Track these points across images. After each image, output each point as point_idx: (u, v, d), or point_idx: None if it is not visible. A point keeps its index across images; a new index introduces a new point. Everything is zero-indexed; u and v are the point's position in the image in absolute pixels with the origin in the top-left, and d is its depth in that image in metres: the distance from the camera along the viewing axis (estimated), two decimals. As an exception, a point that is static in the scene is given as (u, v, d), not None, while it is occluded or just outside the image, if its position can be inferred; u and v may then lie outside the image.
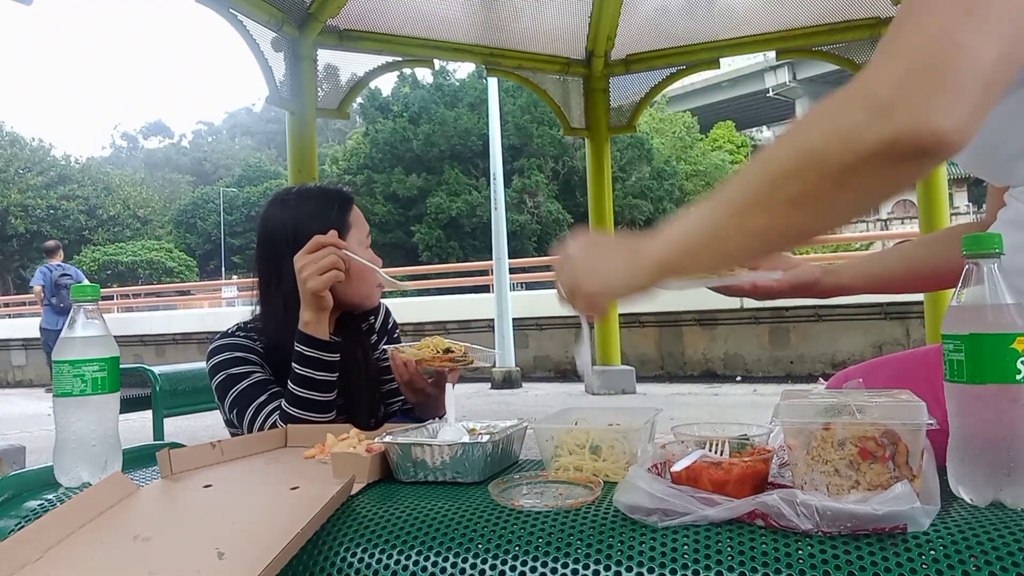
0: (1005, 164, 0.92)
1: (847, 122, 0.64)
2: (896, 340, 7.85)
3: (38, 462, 1.07)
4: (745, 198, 0.72)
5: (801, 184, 0.68)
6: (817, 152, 0.66)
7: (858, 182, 0.66)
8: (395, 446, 0.91)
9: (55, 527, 0.78)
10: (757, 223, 0.72)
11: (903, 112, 0.62)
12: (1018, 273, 0.79)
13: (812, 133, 0.68)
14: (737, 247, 0.75)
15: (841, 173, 0.65)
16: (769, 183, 0.70)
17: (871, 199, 0.69)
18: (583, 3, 5.15)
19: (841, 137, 0.65)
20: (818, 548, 0.62)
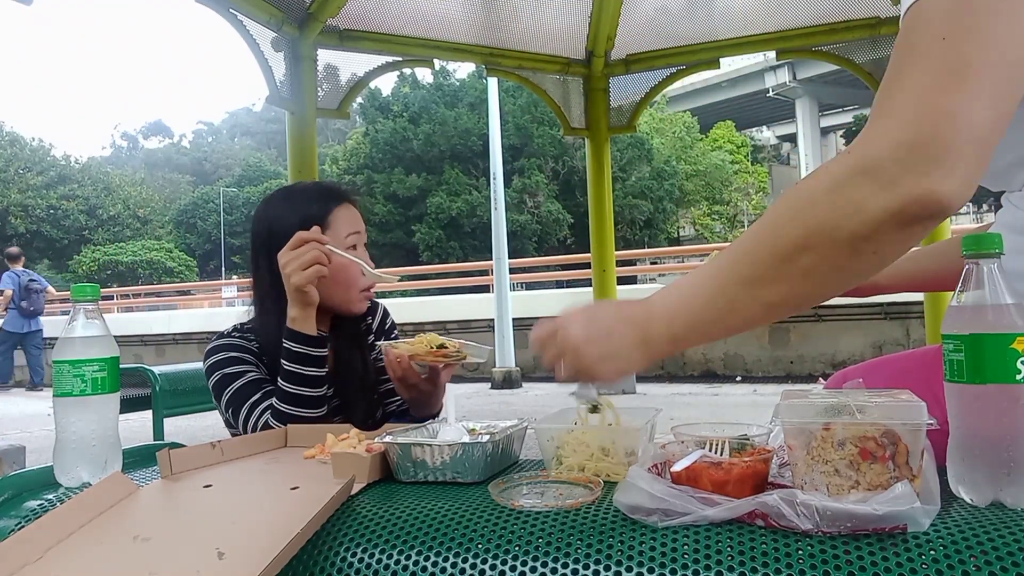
0: (1004, 171, 0.93)
1: (854, 196, 0.67)
2: (896, 340, 7.85)
3: (38, 462, 1.07)
4: (757, 272, 0.72)
5: (815, 257, 0.69)
6: (828, 226, 0.68)
7: (872, 248, 0.68)
8: (395, 446, 0.91)
9: (55, 527, 0.78)
10: (773, 296, 0.73)
11: (906, 183, 0.64)
12: (1016, 277, 0.79)
13: (820, 208, 0.69)
14: (751, 319, 0.75)
15: (855, 242, 0.68)
16: (782, 257, 0.71)
17: (886, 260, 0.70)
18: (583, 3, 5.15)
19: (852, 210, 0.67)
20: (818, 548, 0.62)
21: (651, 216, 29.01)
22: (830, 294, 0.74)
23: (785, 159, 47.48)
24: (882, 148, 0.66)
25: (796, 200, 0.71)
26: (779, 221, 0.72)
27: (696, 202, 33.77)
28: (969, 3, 0.66)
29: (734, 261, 0.75)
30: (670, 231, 33.15)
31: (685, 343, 0.79)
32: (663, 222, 30.58)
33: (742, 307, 0.74)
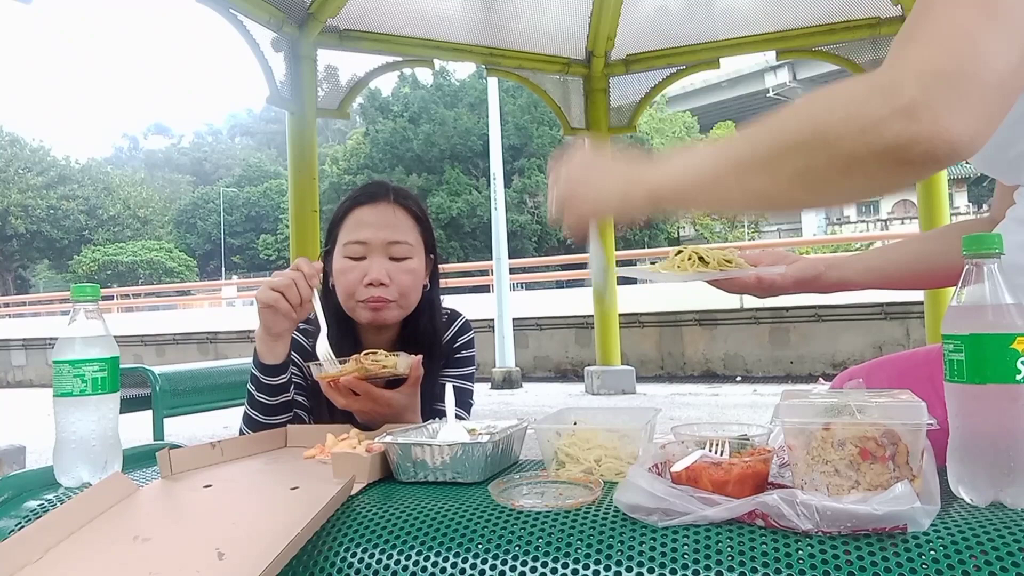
0: (1015, 163, 0.92)
1: (868, 113, 0.65)
2: (896, 340, 7.85)
3: (38, 462, 1.07)
4: (752, 157, 0.72)
5: (808, 161, 0.68)
6: (832, 135, 0.67)
7: (864, 173, 0.67)
8: (395, 446, 0.91)
9: (55, 527, 0.78)
10: (757, 184, 0.72)
11: (926, 117, 0.63)
12: (1020, 271, 0.79)
13: (831, 115, 0.68)
14: (731, 201, 0.77)
15: (850, 160, 0.66)
16: (778, 150, 0.71)
17: (871, 191, 0.70)
18: (583, 3, 5.15)
19: (860, 127, 0.65)
20: (818, 548, 0.62)
21: (651, 216, 28.99)
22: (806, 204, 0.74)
23: (785, 159, 47.42)
24: (908, 73, 0.64)
25: (814, 101, 0.70)
26: (788, 116, 0.72)
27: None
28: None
29: (734, 141, 0.75)
30: (670, 231, 33.13)
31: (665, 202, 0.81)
32: (663, 222, 30.56)
33: (724, 187, 0.75)
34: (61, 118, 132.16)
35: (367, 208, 1.38)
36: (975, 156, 0.99)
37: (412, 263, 1.38)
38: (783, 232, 38.61)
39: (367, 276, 1.33)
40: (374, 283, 1.33)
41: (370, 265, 1.34)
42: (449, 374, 1.45)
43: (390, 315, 1.36)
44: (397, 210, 1.38)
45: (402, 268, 1.36)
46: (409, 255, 1.37)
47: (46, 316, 17.01)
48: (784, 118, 0.72)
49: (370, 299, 1.33)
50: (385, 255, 1.35)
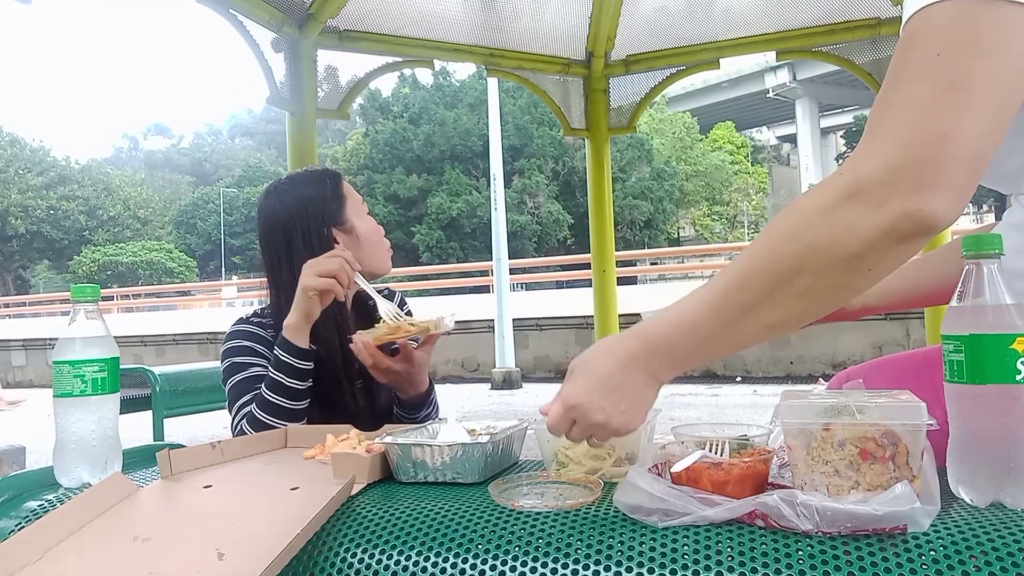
0: (1012, 176, 0.93)
1: (848, 218, 0.67)
2: (896, 340, 7.85)
3: (38, 462, 1.07)
4: (756, 297, 0.73)
5: (812, 277, 0.70)
6: (823, 247, 0.69)
7: (867, 265, 0.69)
8: (395, 447, 0.91)
9: (55, 527, 0.78)
10: (772, 318, 0.73)
11: (897, 203, 0.65)
12: (1018, 276, 0.79)
13: (815, 230, 0.69)
14: (752, 339, 0.76)
15: (850, 261, 0.68)
16: (779, 280, 0.72)
17: (880, 275, 0.71)
18: (583, 3, 5.15)
19: (845, 230, 0.67)
20: (818, 548, 0.62)
21: (651, 217, 29.04)
22: (828, 310, 0.75)
23: (785, 160, 47.50)
24: (872, 170, 0.67)
25: (791, 222, 0.72)
26: (774, 244, 0.73)
27: (696, 203, 33.80)
28: (965, 18, 0.66)
29: (730, 286, 0.75)
30: (670, 232, 33.16)
31: (688, 366, 0.80)
32: (663, 223, 30.61)
33: (742, 330, 0.75)
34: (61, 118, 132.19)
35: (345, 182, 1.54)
36: None
37: None
38: (783, 232, 38.54)
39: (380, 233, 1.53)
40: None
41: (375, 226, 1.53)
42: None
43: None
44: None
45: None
46: None
47: (46, 316, 17.01)
48: (770, 248, 0.73)
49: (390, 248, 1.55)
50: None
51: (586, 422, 0.80)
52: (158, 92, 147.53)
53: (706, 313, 0.76)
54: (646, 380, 0.80)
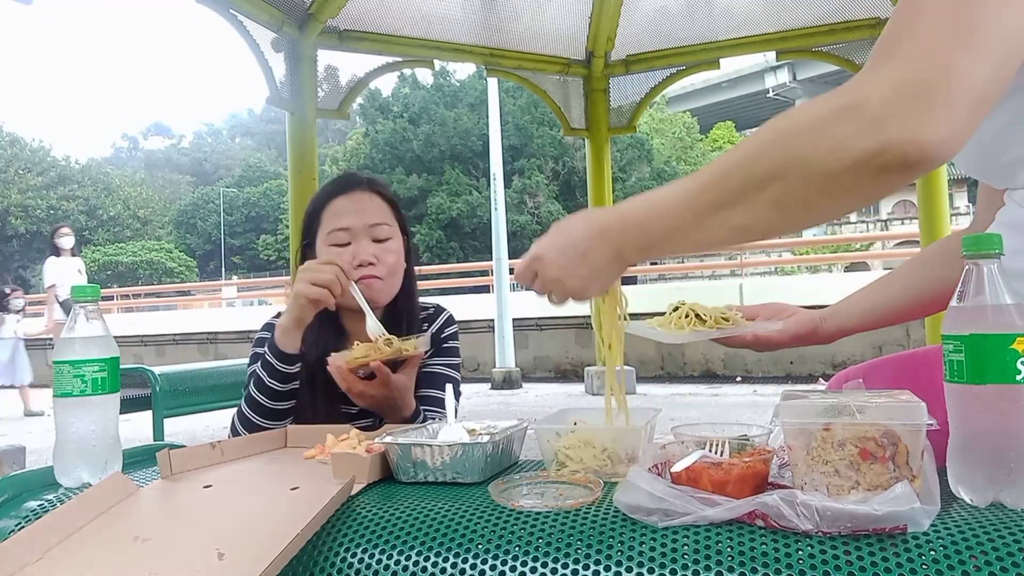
0: (1006, 169, 0.92)
1: (837, 133, 0.66)
2: (896, 340, 7.85)
3: (38, 462, 1.07)
4: (729, 195, 0.73)
5: (785, 188, 0.69)
6: (803, 159, 0.68)
7: (842, 189, 0.68)
8: (395, 446, 0.91)
9: (55, 528, 0.78)
10: (740, 220, 0.73)
11: (892, 125, 0.64)
12: (1016, 276, 0.79)
13: (800, 139, 0.69)
14: (717, 239, 0.77)
15: (826, 180, 0.67)
16: (753, 183, 0.71)
17: (853, 204, 0.70)
18: (583, 3, 5.15)
19: (829, 147, 0.66)
20: (818, 548, 0.62)
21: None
22: (793, 227, 0.74)
23: (785, 159, 47.45)
24: (875, 88, 0.66)
25: (779, 128, 0.71)
26: (758, 146, 0.72)
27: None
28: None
29: (708, 180, 0.75)
30: (670, 231, 33.11)
31: (654, 253, 0.82)
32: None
33: (709, 227, 0.75)
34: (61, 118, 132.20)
35: (344, 198, 1.44)
36: (967, 163, 1.00)
37: (394, 243, 1.45)
38: (783, 232, 38.55)
39: (356, 258, 1.39)
40: (363, 263, 1.39)
41: (356, 248, 1.40)
42: (438, 363, 1.49)
43: (381, 293, 1.42)
44: (372, 196, 1.46)
45: (386, 248, 1.43)
46: (390, 236, 1.44)
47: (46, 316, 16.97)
48: (754, 148, 0.73)
49: (362, 277, 1.38)
50: (368, 238, 1.42)
51: (544, 276, 0.85)
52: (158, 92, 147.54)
53: (679, 202, 0.77)
54: (611, 255, 0.82)
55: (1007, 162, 0.91)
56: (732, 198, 0.73)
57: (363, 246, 1.40)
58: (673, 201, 0.77)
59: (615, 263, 0.83)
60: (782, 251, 25.89)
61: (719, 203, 0.74)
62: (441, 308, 1.56)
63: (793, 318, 1.18)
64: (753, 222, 0.73)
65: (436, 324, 1.53)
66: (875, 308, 1.19)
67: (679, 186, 0.77)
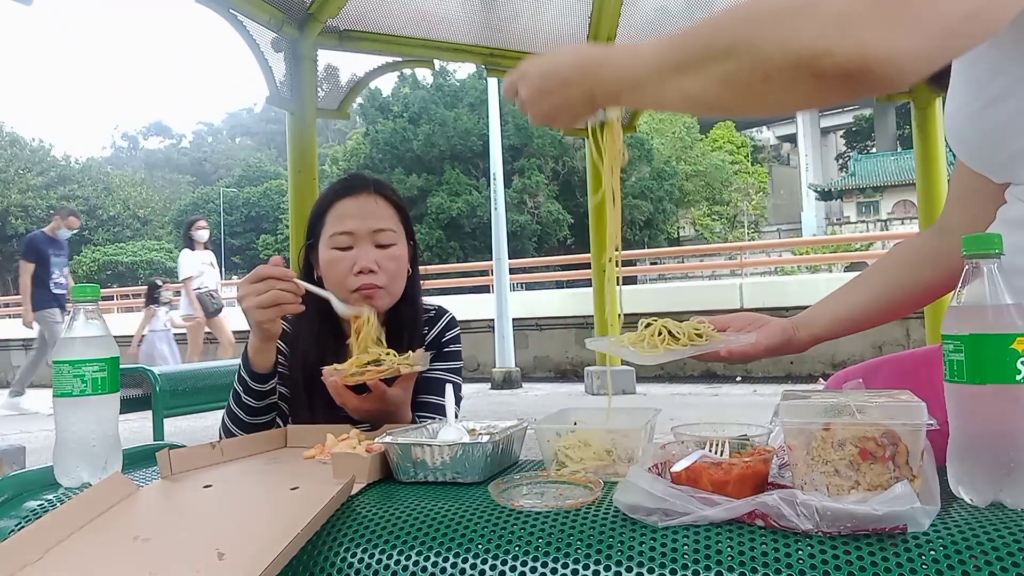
0: (1008, 161, 0.92)
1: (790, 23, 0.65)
2: (896, 340, 7.84)
3: (38, 462, 1.07)
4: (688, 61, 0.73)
5: (735, 66, 0.69)
6: (755, 43, 0.67)
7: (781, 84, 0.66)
8: (395, 446, 0.91)
9: (55, 527, 0.78)
10: (690, 87, 0.73)
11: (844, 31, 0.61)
12: (1018, 274, 0.79)
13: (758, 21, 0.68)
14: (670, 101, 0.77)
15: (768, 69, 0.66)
16: (708, 54, 0.71)
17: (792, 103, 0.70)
18: (583, 3, 5.15)
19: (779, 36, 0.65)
20: (818, 548, 0.62)
21: (651, 216, 29.04)
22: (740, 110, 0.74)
23: (785, 159, 47.50)
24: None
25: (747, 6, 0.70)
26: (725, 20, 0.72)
27: (696, 202, 33.81)
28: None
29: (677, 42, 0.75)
30: (670, 231, 33.15)
31: (622, 101, 0.83)
32: (663, 222, 30.61)
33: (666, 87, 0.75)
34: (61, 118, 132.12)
35: (349, 200, 1.41)
36: (967, 152, 0.99)
37: (397, 249, 1.41)
38: (783, 232, 38.60)
39: (356, 264, 1.36)
40: (364, 270, 1.35)
41: (358, 254, 1.37)
42: (439, 368, 1.47)
43: (381, 302, 1.39)
44: (378, 199, 1.42)
45: (388, 255, 1.39)
46: (394, 241, 1.41)
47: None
48: (720, 20, 0.72)
49: (362, 287, 1.35)
50: (371, 243, 1.38)
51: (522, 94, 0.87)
52: (158, 92, 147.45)
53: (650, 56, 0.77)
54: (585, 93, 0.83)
55: (1011, 154, 0.90)
56: (690, 64, 0.72)
57: (365, 251, 1.37)
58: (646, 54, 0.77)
59: (587, 103, 0.84)
60: (782, 251, 25.90)
61: (678, 66, 0.73)
62: (443, 311, 1.54)
63: (765, 329, 1.16)
64: (701, 93, 0.72)
65: (437, 328, 1.51)
66: (847, 316, 1.18)
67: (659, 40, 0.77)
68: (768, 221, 39.03)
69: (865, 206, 36.55)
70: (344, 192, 1.42)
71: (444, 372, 1.47)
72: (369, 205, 1.41)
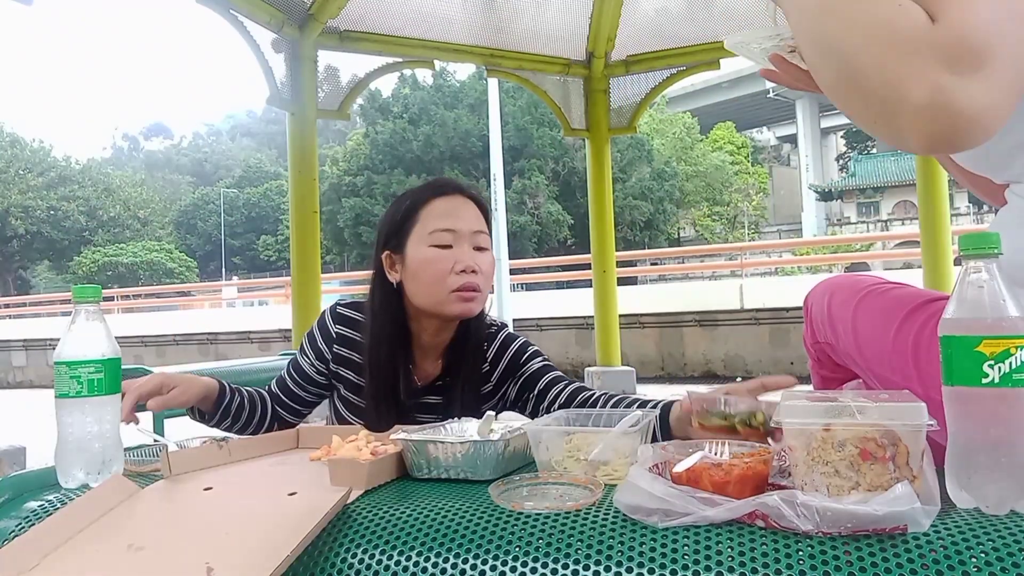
0: (1005, 157, 0.91)
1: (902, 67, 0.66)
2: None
3: (39, 463, 1.07)
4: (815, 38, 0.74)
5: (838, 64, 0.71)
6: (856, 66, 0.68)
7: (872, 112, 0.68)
8: (410, 443, 0.92)
9: (53, 532, 0.78)
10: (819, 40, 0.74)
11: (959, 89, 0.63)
12: (1021, 269, 0.79)
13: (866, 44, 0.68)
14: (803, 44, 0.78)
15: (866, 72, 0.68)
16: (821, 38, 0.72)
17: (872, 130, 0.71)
18: (583, 4, 5.15)
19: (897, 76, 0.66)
20: (818, 549, 0.62)
21: (651, 217, 29.02)
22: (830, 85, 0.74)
23: (785, 160, 47.48)
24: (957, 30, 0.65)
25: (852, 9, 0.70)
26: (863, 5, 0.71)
27: (696, 203, 33.78)
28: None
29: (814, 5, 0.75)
30: (670, 232, 33.13)
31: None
32: (663, 223, 30.58)
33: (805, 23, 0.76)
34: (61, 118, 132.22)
35: (445, 199, 1.36)
36: (966, 153, 0.99)
37: (490, 255, 1.38)
38: (783, 233, 38.60)
39: (458, 263, 1.31)
40: (467, 270, 1.31)
41: (460, 253, 1.32)
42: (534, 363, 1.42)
43: (477, 307, 1.35)
44: (469, 203, 1.38)
45: (486, 259, 1.36)
46: (487, 246, 1.38)
47: (47, 317, 17.02)
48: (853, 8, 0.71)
49: (464, 287, 1.30)
50: (471, 244, 1.34)
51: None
52: (158, 92, 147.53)
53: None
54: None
55: (1007, 148, 0.89)
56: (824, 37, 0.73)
57: (466, 251, 1.33)
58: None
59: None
60: (782, 252, 25.89)
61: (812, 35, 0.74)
62: (502, 326, 1.47)
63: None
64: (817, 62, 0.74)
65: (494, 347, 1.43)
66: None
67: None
68: (768, 222, 39.02)
69: (865, 206, 36.55)
70: (438, 191, 1.38)
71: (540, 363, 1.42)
72: (465, 207, 1.37)
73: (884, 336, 1.02)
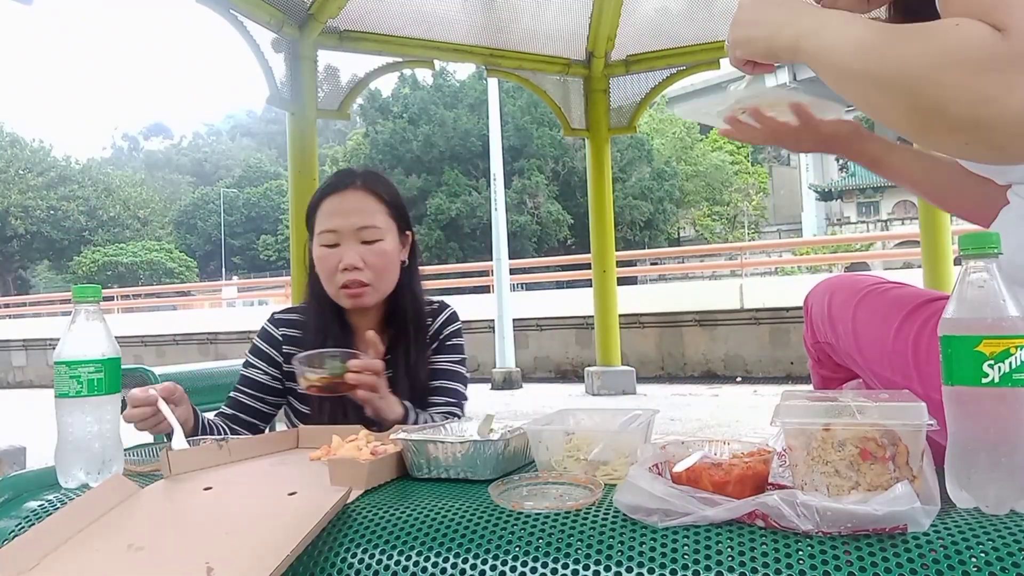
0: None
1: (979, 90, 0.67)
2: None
3: (39, 463, 1.07)
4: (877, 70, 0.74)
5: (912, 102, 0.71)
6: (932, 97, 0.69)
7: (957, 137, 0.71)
8: (410, 443, 0.92)
9: (53, 532, 0.78)
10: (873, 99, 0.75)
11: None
12: (1022, 271, 0.79)
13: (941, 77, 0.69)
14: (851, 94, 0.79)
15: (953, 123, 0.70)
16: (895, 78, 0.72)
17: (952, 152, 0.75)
18: (583, 4, 5.15)
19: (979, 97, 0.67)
20: (818, 548, 0.62)
21: (651, 217, 29.03)
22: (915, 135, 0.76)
23: (785, 160, 47.44)
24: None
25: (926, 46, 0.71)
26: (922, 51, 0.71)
27: (696, 203, 33.80)
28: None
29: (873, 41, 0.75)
30: (670, 232, 33.14)
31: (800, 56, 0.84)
32: (663, 223, 30.60)
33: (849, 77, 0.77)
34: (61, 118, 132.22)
35: (335, 197, 1.45)
36: None
37: (383, 245, 1.45)
38: (783, 232, 38.58)
39: (341, 262, 1.41)
40: (348, 268, 1.41)
41: (343, 251, 1.42)
42: (441, 360, 1.51)
43: (368, 299, 1.44)
44: (365, 196, 1.46)
45: (374, 251, 1.43)
46: (379, 237, 1.45)
47: (47, 317, 17.02)
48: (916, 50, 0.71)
49: (348, 284, 1.41)
50: (357, 240, 1.43)
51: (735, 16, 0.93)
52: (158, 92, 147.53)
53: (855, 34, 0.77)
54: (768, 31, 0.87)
55: None
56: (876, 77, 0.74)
57: (350, 249, 1.42)
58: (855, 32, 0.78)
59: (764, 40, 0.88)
60: (782, 251, 25.89)
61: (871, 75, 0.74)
62: (444, 305, 1.57)
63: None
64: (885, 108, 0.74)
65: (437, 322, 1.54)
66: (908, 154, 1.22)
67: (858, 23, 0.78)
68: (768, 221, 39.01)
69: (865, 206, 36.54)
70: (330, 190, 1.47)
71: (448, 363, 1.51)
72: (354, 202, 1.45)
73: (884, 336, 1.02)
